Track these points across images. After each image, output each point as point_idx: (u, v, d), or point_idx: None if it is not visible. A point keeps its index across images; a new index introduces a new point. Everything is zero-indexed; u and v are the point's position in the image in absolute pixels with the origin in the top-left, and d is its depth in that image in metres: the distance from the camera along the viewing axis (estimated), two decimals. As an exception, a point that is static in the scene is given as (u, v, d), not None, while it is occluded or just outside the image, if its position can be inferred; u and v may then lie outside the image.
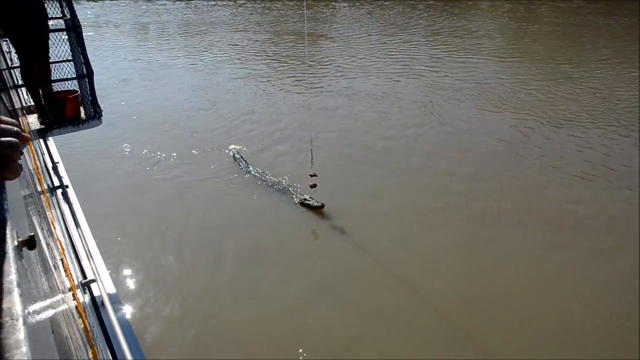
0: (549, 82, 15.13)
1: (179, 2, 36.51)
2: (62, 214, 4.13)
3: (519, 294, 6.36)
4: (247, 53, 20.82)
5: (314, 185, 8.01)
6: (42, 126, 5.22)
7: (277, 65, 18.68)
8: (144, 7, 34.42)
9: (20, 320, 0.60)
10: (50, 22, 5.22)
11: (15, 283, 0.64)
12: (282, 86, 15.81)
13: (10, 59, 6.22)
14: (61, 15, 5.29)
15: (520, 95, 13.89)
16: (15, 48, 5.30)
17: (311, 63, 18.19)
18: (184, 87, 16.00)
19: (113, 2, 37.37)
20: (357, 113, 13.02)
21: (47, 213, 2.83)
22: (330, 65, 18.31)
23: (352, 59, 18.93)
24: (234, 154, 10.29)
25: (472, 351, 5.52)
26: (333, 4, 33.77)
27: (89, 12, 31.52)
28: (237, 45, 22.32)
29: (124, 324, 3.11)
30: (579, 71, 16.36)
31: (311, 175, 8.02)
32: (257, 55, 20.42)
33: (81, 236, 3.81)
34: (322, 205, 8.05)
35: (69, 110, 5.32)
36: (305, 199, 8.32)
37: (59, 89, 5.61)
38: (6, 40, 5.84)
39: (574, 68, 16.72)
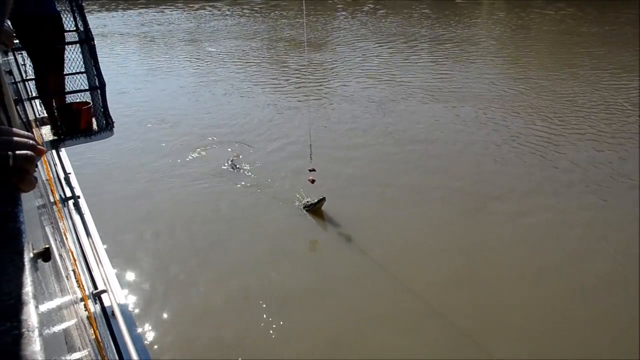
0: (536, 86, 15.36)
1: (187, 12, 36.94)
2: (73, 224, 4.17)
3: (524, 297, 6.37)
4: (245, 59, 21.35)
5: (313, 180, 8.03)
6: (55, 137, 5.29)
7: (274, 70, 19.22)
8: (149, 17, 34.83)
9: (36, 332, 0.60)
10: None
11: (31, 295, 0.65)
12: (279, 89, 16.43)
13: (25, 72, 6.32)
14: (75, 28, 5.38)
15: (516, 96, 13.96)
16: (31, 60, 5.39)
17: (308, 68, 18.81)
18: (188, 94, 16.24)
19: (126, 12, 37.86)
20: (354, 117, 13.34)
21: (60, 224, 2.86)
22: (326, 70, 18.82)
23: (347, 66, 19.48)
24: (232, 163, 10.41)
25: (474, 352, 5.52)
26: (329, 12, 34.32)
27: (104, 23, 31.98)
28: (237, 52, 22.81)
29: (134, 334, 3.12)
30: (564, 76, 16.75)
31: (310, 170, 8.05)
32: (255, 61, 20.95)
33: (92, 247, 3.84)
34: (324, 198, 8.12)
35: (82, 121, 5.39)
36: (307, 202, 8.38)
37: (70, 101, 5.68)
38: (21, 53, 5.95)
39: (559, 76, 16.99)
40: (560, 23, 28.21)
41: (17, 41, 5.16)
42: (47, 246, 0.91)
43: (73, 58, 5.46)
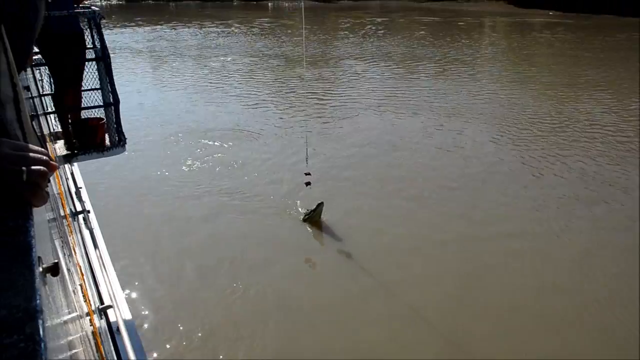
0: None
1: (199, 29, 37.48)
2: (82, 238, 4.20)
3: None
4: (247, 74, 21.92)
5: (308, 183, 8.11)
6: (68, 152, 5.36)
7: (275, 83, 19.92)
8: (159, 34, 35.30)
9: (42, 346, 0.61)
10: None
11: (39, 309, 0.66)
12: (278, 101, 17.09)
13: (42, 87, 6.45)
14: (91, 46, 5.49)
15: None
16: (52, 77, 5.51)
17: (306, 82, 19.34)
18: (190, 106, 16.45)
19: (140, 28, 38.42)
20: (353, 129, 13.67)
21: (69, 237, 2.88)
22: (324, 85, 19.30)
23: (347, 81, 20.06)
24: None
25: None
26: (332, 32, 35.08)
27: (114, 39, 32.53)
28: (240, 66, 23.39)
29: (138, 351, 3.11)
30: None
31: (306, 174, 8.10)
32: (256, 76, 21.51)
33: (100, 261, 3.86)
34: (322, 203, 8.09)
35: (97, 137, 5.47)
36: (306, 211, 8.38)
37: (83, 116, 5.77)
38: (39, 69, 6.08)
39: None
40: (550, 47, 28.89)
41: (39, 57, 5.29)
42: (56, 261, 0.92)
43: (87, 74, 5.58)
